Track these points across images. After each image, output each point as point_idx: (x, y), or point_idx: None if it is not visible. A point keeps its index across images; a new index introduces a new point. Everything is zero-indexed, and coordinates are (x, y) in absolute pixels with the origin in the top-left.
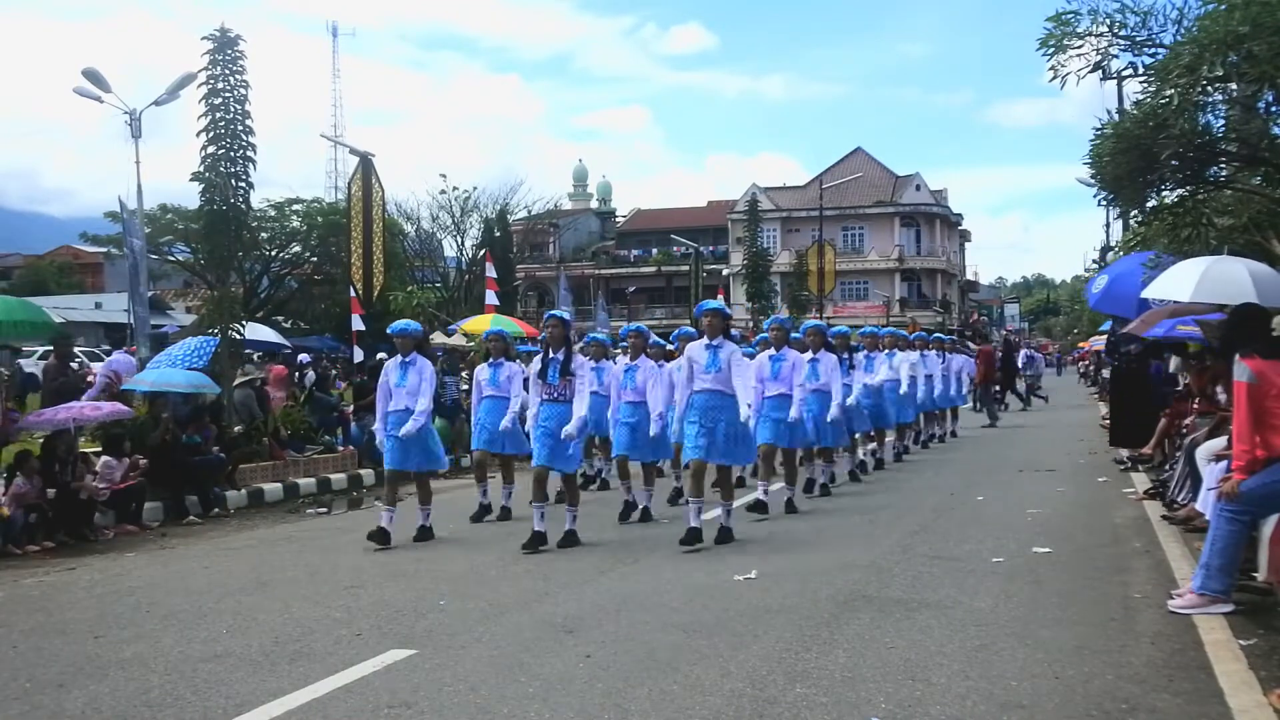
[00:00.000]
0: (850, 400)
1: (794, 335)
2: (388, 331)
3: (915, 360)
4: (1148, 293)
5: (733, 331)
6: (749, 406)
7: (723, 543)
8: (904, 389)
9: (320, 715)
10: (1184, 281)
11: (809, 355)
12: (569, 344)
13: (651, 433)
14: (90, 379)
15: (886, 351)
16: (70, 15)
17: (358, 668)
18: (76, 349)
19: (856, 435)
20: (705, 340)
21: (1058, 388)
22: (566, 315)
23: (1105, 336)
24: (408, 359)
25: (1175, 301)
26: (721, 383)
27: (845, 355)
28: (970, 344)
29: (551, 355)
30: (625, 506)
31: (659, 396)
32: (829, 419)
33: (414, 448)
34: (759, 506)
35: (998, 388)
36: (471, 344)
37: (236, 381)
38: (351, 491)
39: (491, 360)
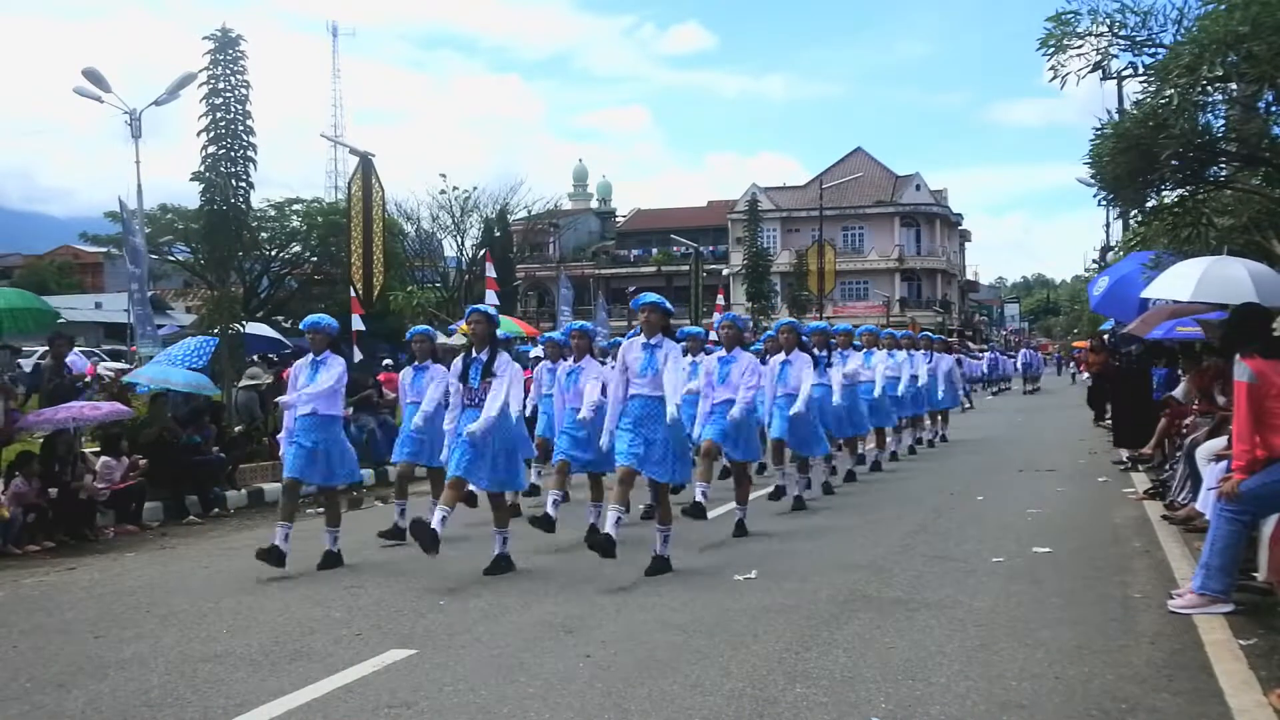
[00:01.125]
0: (836, 399)
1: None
2: (300, 327)
3: (893, 361)
4: (1147, 292)
5: (740, 325)
6: (676, 407)
7: (656, 573)
8: (877, 391)
9: (320, 715)
10: (1184, 281)
11: (781, 356)
12: (494, 342)
13: (601, 443)
14: (87, 379)
15: (865, 351)
16: (70, 15)
17: (358, 668)
18: (77, 349)
19: (835, 439)
20: (642, 339)
21: (1057, 388)
22: (490, 310)
23: (1106, 337)
24: (319, 357)
25: (1175, 301)
26: (660, 387)
27: (824, 353)
28: (970, 344)
29: (474, 355)
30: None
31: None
32: (790, 412)
33: (320, 457)
34: (695, 509)
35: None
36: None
37: (242, 384)
38: (351, 491)
39: (416, 364)
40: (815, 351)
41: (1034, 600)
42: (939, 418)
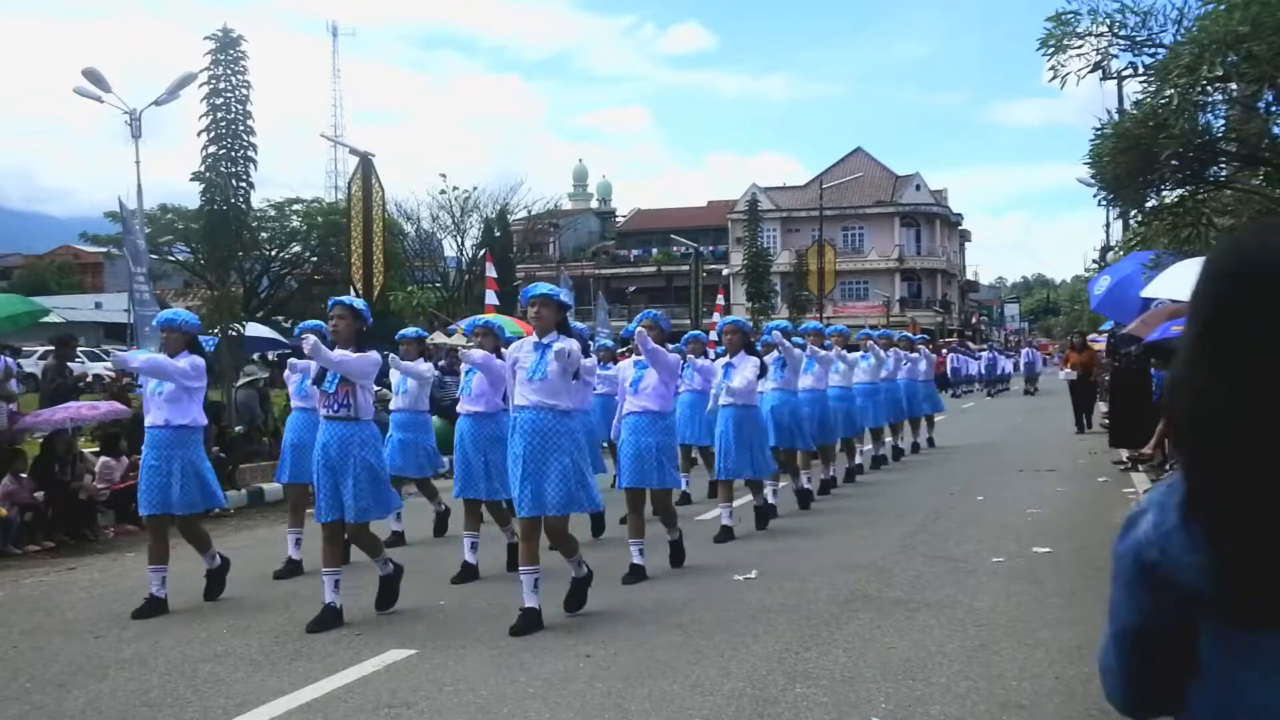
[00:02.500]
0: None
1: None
2: (154, 323)
3: (868, 364)
4: (1147, 292)
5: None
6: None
7: (529, 628)
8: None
9: (320, 715)
10: (1184, 281)
11: (724, 359)
12: (363, 338)
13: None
14: (89, 379)
15: (837, 352)
16: (70, 15)
17: (358, 668)
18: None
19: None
20: (534, 338)
21: (1058, 389)
22: (354, 302)
23: (1106, 336)
24: (176, 358)
25: (1175, 301)
26: (556, 395)
27: (807, 353)
28: (970, 344)
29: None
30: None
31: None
32: (706, 410)
33: (177, 481)
34: (635, 572)
35: None
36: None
37: (240, 382)
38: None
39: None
40: (762, 355)
41: (1034, 600)
42: (921, 423)
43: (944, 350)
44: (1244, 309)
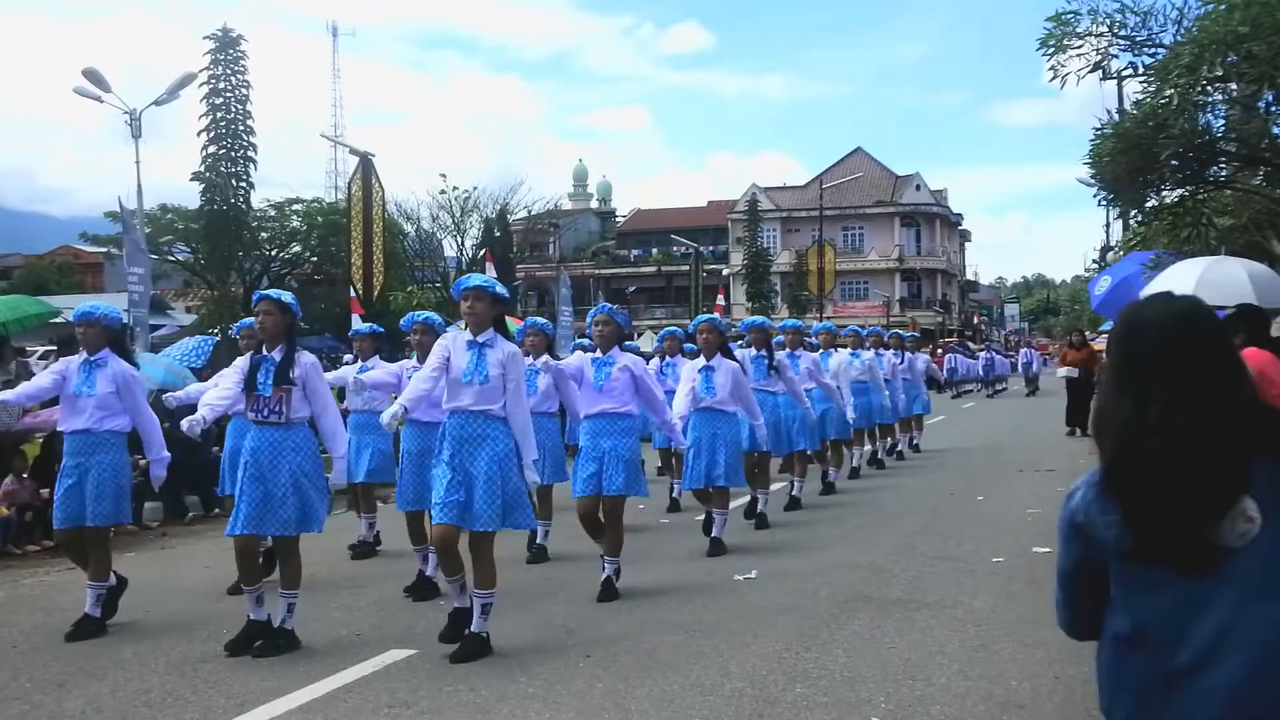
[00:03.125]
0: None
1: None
2: (71, 316)
3: (858, 363)
4: (1146, 293)
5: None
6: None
7: (464, 659)
8: (841, 394)
9: (320, 715)
10: (1181, 282)
11: (700, 363)
12: (292, 336)
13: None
14: None
15: (822, 352)
16: (70, 15)
17: (358, 668)
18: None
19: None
20: (468, 334)
21: (1058, 389)
22: (283, 297)
23: (1107, 336)
24: (95, 357)
25: None
26: (487, 398)
27: (763, 355)
28: (970, 344)
29: (265, 353)
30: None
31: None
32: (661, 422)
33: (92, 491)
34: (606, 588)
35: None
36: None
37: None
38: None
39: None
40: (739, 357)
41: (1034, 600)
42: (911, 425)
43: (941, 350)
44: (1132, 355)
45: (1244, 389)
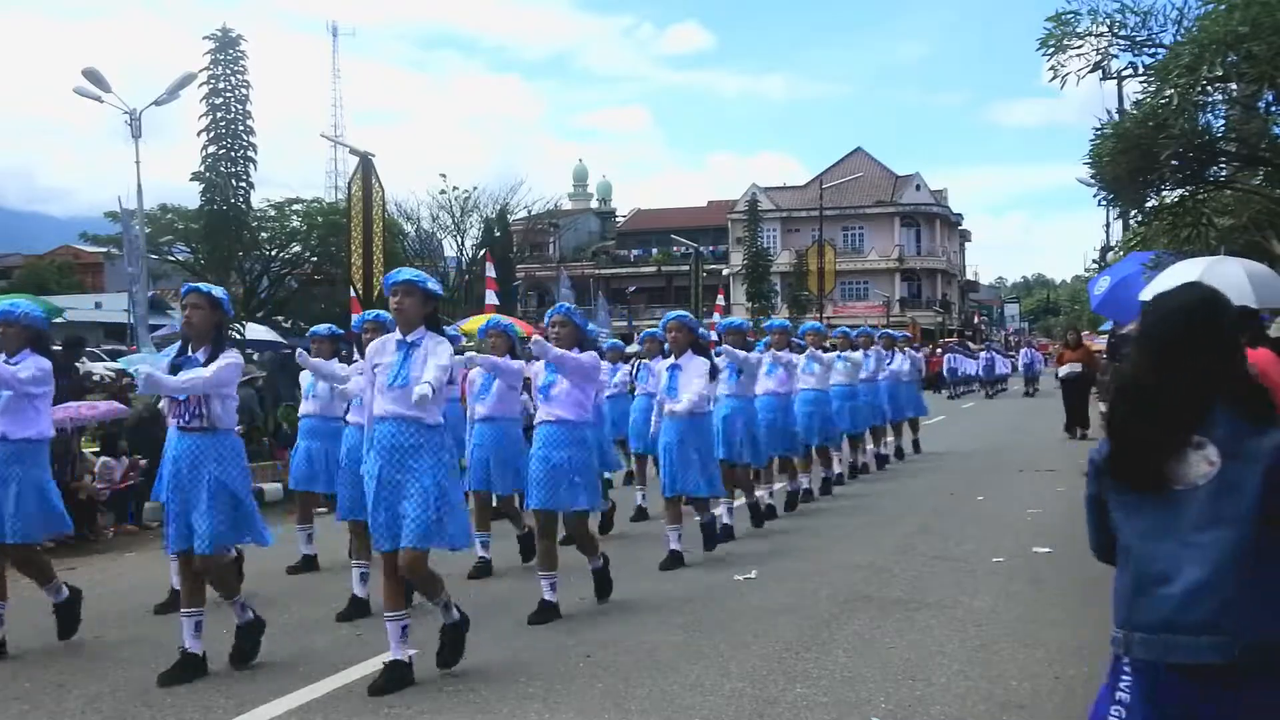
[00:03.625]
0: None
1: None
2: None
3: (845, 365)
4: (1145, 294)
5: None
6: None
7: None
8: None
9: (320, 715)
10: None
11: (669, 361)
12: (221, 335)
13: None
14: (95, 378)
15: (810, 353)
16: (70, 15)
17: (358, 668)
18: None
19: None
20: (397, 334)
21: (1056, 389)
22: (212, 291)
23: (1108, 336)
24: (14, 359)
25: None
26: (419, 406)
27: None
28: (970, 344)
29: (190, 353)
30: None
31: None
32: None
33: (11, 503)
34: (543, 610)
35: None
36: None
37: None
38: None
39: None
40: (713, 356)
41: (1034, 600)
42: (904, 427)
43: (940, 350)
44: (1155, 326)
45: (1238, 365)
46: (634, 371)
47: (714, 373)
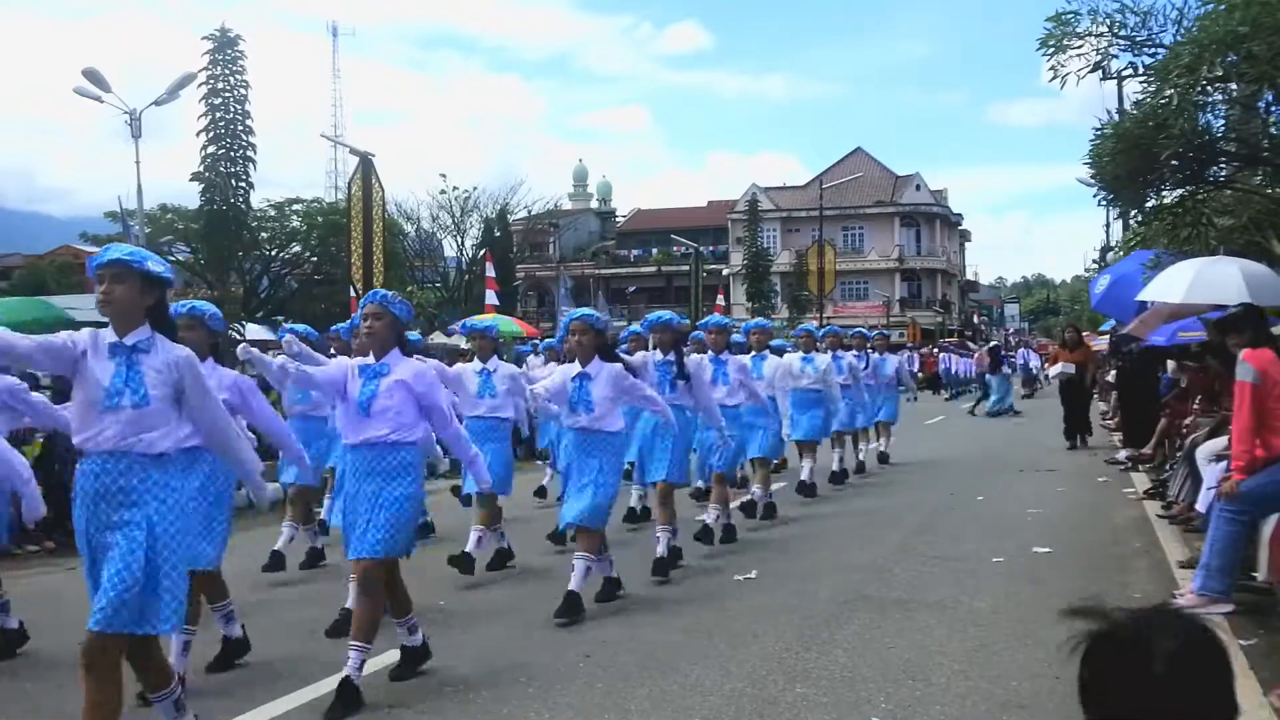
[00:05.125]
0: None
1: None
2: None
3: (810, 368)
4: (1143, 295)
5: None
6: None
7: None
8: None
9: (320, 715)
10: (1176, 284)
11: (573, 368)
12: (218, 353)
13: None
14: None
15: (754, 354)
16: (70, 15)
17: None
18: None
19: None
20: (365, 359)
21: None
22: (196, 307)
23: (1109, 335)
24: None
25: (1168, 303)
26: (388, 422)
27: (670, 361)
28: (969, 344)
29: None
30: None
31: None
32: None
33: None
34: (414, 657)
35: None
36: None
37: None
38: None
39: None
40: (629, 360)
41: (1034, 600)
42: (874, 433)
43: (937, 349)
44: None
45: None
46: None
47: (685, 376)
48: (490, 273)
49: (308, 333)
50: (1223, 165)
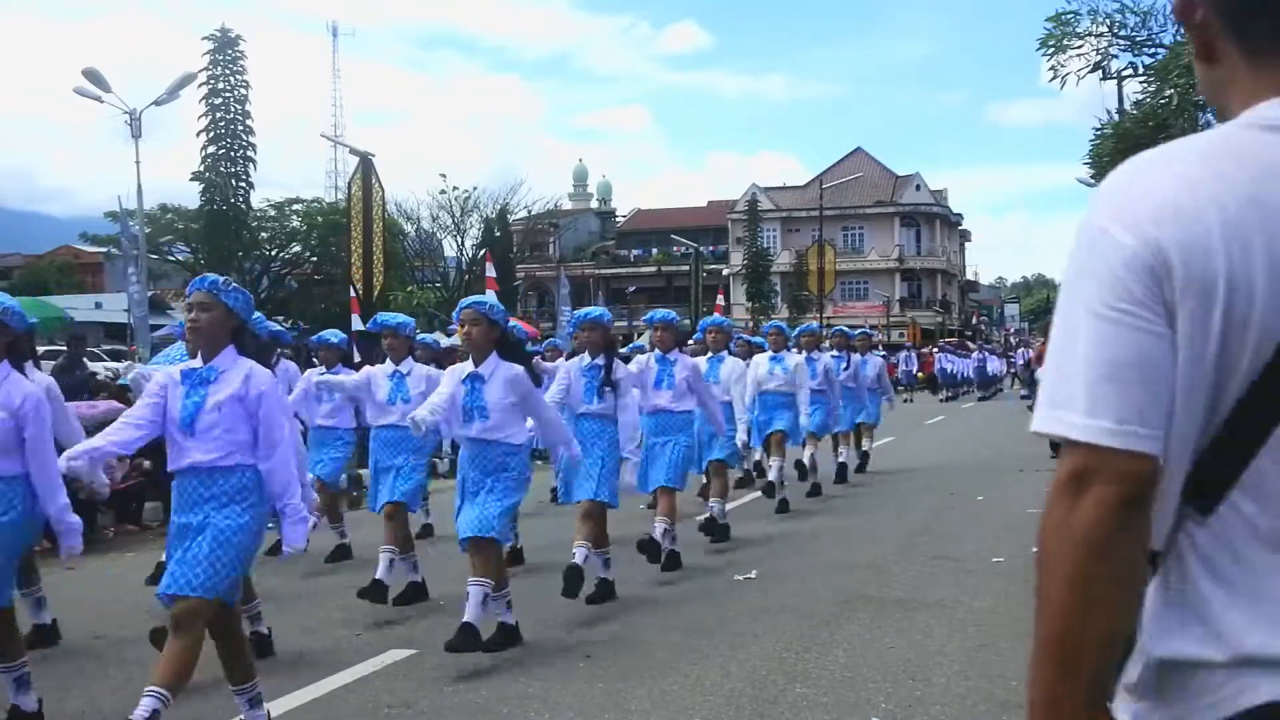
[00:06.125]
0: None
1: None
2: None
3: (780, 369)
4: None
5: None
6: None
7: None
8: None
9: (320, 715)
10: None
11: (465, 368)
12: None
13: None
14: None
15: (710, 356)
16: (70, 15)
17: (358, 667)
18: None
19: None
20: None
21: None
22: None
23: None
24: None
25: None
26: (215, 443)
27: (597, 366)
28: (969, 344)
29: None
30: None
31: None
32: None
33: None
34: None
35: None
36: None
37: None
38: (351, 491)
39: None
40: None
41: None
42: (850, 438)
43: (936, 349)
44: None
45: None
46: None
47: (539, 380)
48: (490, 273)
49: (282, 334)
50: None
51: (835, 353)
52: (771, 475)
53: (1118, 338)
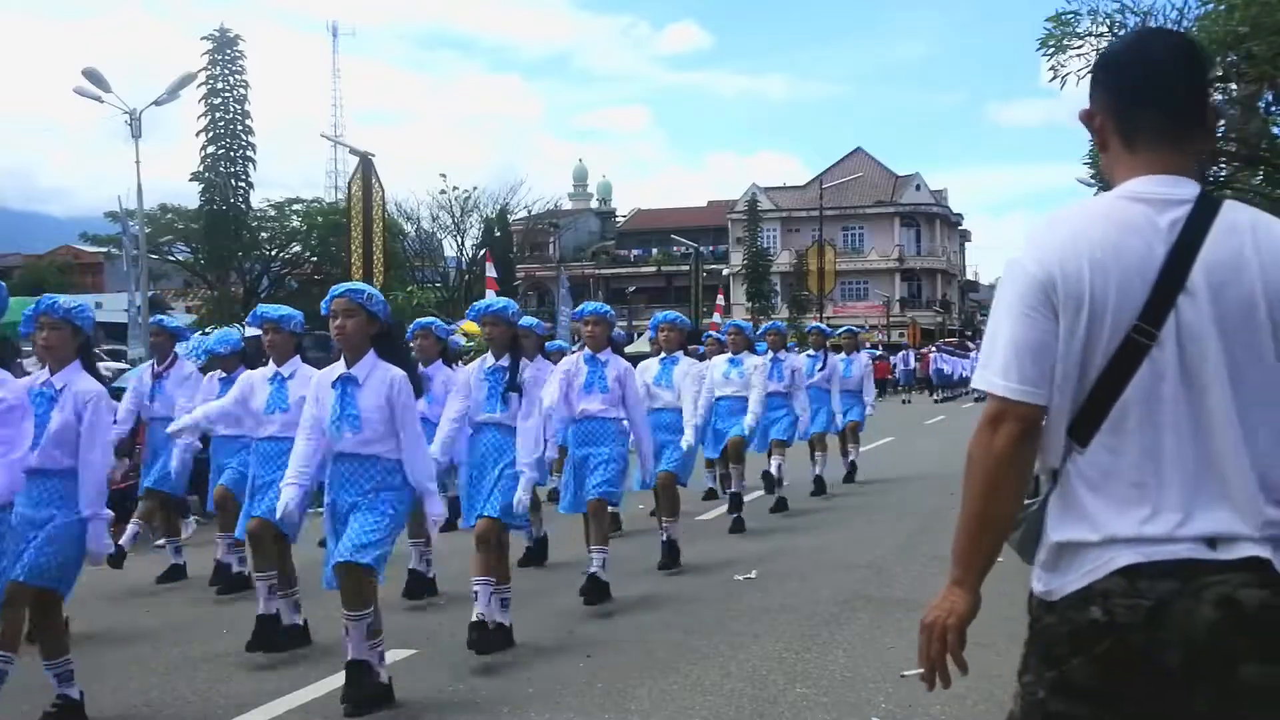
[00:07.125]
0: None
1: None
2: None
3: (736, 372)
4: None
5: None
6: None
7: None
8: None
9: (320, 715)
10: None
11: (337, 370)
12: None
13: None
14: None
15: (664, 358)
16: (70, 15)
17: None
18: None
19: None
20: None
21: None
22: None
23: None
24: None
25: None
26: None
27: (501, 368)
28: (969, 344)
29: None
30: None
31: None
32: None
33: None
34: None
35: None
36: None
37: None
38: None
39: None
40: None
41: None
42: (825, 443)
43: (934, 349)
44: None
45: None
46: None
47: (516, 388)
48: (490, 273)
49: (234, 343)
50: (1223, 165)
51: (812, 352)
52: (770, 469)
53: (1025, 329)
